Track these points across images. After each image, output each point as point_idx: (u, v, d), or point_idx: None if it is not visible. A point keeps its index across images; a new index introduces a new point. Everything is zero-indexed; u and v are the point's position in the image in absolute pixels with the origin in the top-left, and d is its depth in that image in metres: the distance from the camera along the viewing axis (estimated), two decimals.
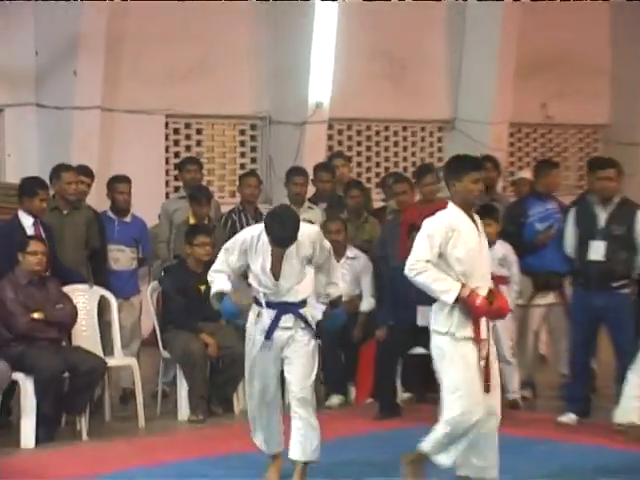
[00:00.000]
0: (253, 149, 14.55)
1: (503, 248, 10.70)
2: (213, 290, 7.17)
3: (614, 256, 10.20)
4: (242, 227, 10.31)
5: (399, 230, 11.02)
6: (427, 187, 11.42)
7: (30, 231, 9.64)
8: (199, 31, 13.43)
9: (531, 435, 9.71)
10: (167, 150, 13.62)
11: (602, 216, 10.23)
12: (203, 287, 9.95)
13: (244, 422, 8.31)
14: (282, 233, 6.77)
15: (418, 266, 6.67)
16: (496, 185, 12.37)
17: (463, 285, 6.59)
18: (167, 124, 13.69)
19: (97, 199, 11.19)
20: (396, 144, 15.61)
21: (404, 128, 15.54)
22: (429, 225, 6.98)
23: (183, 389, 10.04)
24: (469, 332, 7.03)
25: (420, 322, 10.09)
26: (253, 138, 14.63)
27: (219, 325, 10.21)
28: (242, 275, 7.31)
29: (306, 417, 7.07)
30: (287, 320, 7.03)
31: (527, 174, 12.59)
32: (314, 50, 13.93)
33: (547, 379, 11.54)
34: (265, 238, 6.79)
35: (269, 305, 7.01)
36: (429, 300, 9.66)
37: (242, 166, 13.87)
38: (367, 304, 10.78)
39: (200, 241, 10.30)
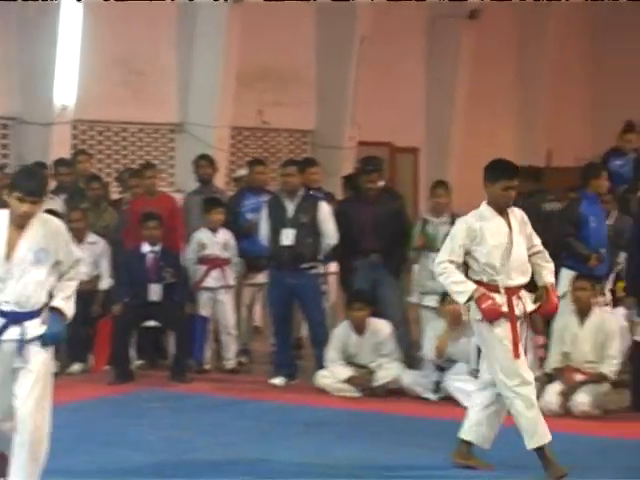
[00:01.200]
0: (5, 147, 14.01)
1: (225, 235, 10.82)
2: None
3: (302, 241, 10.34)
4: None
5: (133, 218, 11.02)
6: (147, 180, 11.39)
7: None
8: None
9: (246, 396, 9.86)
10: None
11: (290, 207, 10.38)
12: None
13: None
14: (30, 182, 5.56)
15: (439, 268, 6.69)
16: (213, 179, 12.23)
17: (483, 287, 6.52)
18: None
19: None
20: (133, 144, 15.45)
21: (140, 130, 15.40)
22: (455, 227, 6.99)
23: None
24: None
25: (151, 298, 10.33)
26: (5, 137, 14.10)
27: None
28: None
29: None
30: (14, 332, 5.47)
31: (246, 172, 12.36)
32: (59, 57, 13.53)
33: (262, 347, 11.57)
34: None
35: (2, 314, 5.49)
36: (159, 279, 10.47)
37: None
38: (105, 283, 10.61)
39: None
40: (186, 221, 11.60)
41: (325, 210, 10.19)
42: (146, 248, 10.25)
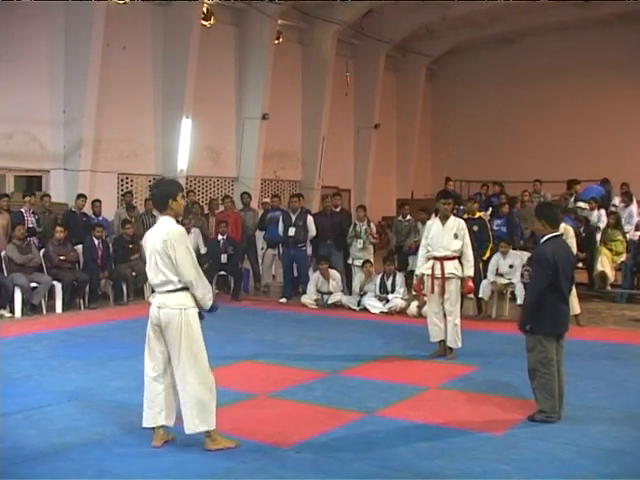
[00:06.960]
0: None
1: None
2: None
3: (298, 233, 10.62)
4: None
5: (217, 222, 11.12)
6: (226, 204, 11.54)
7: None
8: None
9: (268, 307, 10.10)
10: None
11: (294, 217, 10.63)
12: None
13: None
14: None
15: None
16: (250, 204, 12.28)
17: None
18: None
19: None
20: (214, 186, 15.06)
21: (217, 179, 15.16)
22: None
23: None
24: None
25: (222, 261, 10.61)
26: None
27: None
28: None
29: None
30: None
31: (268, 200, 12.50)
32: (181, 144, 13.82)
33: (275, 284, 11.88)
34: None
35: None
36: (225, 252, 10.53)
37: None
38: (202, 250, 10.72)
39: None
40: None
41: (310, 218, 11.04)
42: (220, 237, 10.98)
